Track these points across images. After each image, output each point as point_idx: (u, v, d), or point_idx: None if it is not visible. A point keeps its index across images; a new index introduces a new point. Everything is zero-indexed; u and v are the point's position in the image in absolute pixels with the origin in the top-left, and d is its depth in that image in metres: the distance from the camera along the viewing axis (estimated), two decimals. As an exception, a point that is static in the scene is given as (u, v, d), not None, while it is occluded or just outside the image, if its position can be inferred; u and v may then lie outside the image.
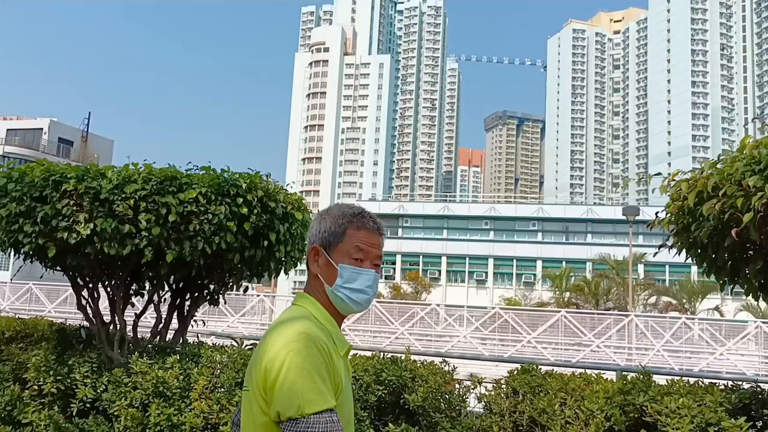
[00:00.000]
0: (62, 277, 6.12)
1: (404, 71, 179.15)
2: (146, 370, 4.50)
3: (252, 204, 4.96)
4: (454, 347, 21.63)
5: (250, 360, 1.74)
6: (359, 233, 1.79)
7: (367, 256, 1.79)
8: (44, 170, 4.74)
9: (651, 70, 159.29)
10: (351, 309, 1.79)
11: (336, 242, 1.78)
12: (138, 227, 4.65)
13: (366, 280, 1.77)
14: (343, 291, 1.75)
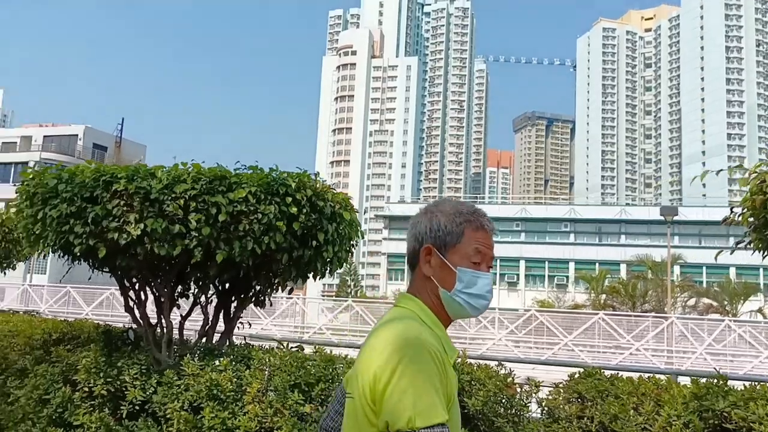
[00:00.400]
0: (98, 280, 6.13)
1: (432, 73, 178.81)
2: (198, 372, 4.44)
3: (301, 203, 4.88)
4: (489, 350, 21.38)
5: (354, 365, 1.63)
6: (478, 234, 1.69)
7: (484, 259, 1.69)
8: (94, 171, 4.72)
9: (684, 67, 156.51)
10: (467, 314, 1.69)
11: (453, 243, 1.67)
12: (188, 227, 4.60)
13: (485, 284, 1.68)
14: (462, 296, 1.66)
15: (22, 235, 5.22)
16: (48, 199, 4.86)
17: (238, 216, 4.69)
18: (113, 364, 5.11)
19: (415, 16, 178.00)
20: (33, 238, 5.05)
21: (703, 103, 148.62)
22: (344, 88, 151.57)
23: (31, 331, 6.41)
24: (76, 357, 5.32)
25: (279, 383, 4.18)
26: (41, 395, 5.10)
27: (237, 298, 5.80)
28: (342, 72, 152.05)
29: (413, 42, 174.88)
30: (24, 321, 7.22)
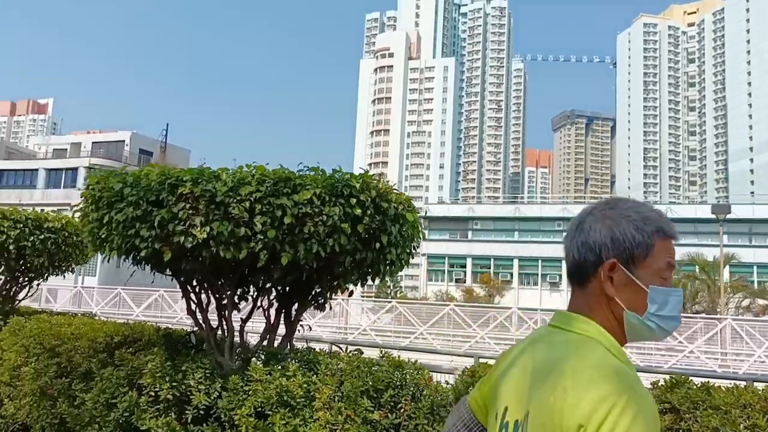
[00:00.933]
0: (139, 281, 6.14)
1: (469, 73, 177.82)
2: (266, 377, 4.37)
3: (365, 205, 4.78)
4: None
5: (517, 394, 1.37)
6: (668, 244, 1.43)
7: (672, 272, 1.44)
8: (160, 173, 4.70)
9: (729, 61, 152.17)
10: (653, 338, 1.44)
11: (642, 256, 1.40)
12: (253, 230, 4.54)
13: (677, 303, 1.41)
14: (655, 320, 1.39)
15: (88, 239, 5.24)
16: (113, 203, 4.87)
17: (303, 218, 4.61)
18: (178, 368, 5.09)
19: (452, 17, 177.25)
20: (98, 242, 5.07)
21: (750, 97, 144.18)
22: (382, 90, 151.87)
23: (93, 333, 6.46)
24: (141, 361, 5.32)
25: (349, 389, 4.08)
26: (108, 399, 5.10)
27: (297, 300, 5.74)
28: (379, 74, 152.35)
29: (450, 43, 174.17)
30: (84, 323, 7.30)
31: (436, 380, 4.68)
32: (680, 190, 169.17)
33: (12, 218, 8.10)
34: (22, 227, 8.11)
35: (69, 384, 5.90)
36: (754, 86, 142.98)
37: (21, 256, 8.28)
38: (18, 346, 6.58)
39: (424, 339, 22.46)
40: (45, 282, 9.37)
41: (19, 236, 8.04)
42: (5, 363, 6.80)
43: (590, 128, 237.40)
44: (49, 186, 59.97)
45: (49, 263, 8.59)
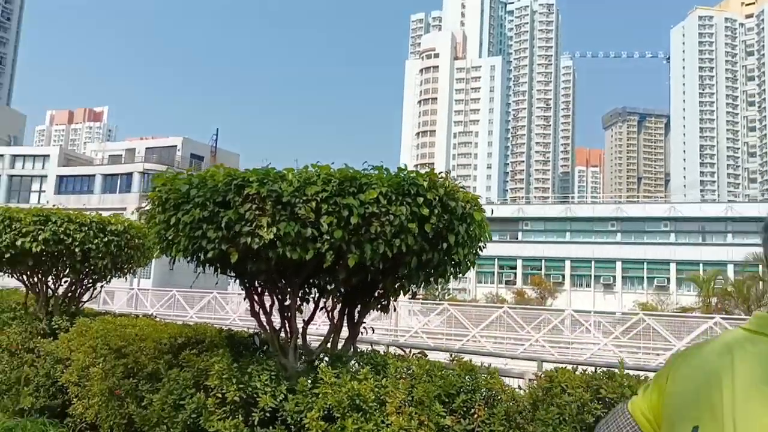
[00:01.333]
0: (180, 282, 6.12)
1: (516, 72, 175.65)
2: (336, 380, 4.28)
3: (432, 204, 4.65)
4: (594, 355, 20.45)
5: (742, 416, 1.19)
6: None
7: None
8: (226, 174, 4.68)
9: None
10: None
11: None
12: (319, 230, 4.47)
13: None
14: None
15: (154, 241, 5.27)
16: (180, 205, 4.87)
17: (370, 218, 4.52)
18: (243, 370, 5.06)
19: (498, 16, 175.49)
20: (165, 244, 5.08)
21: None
22: (427, 91, 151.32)
23: (157, 335, 6.52)
24: (207, 362, 5.32)
25: (422, 394, 3.96)
26: (175, 400, 5.12)
27: (360, 302, 5.65)
28: (425, 75, 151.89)
29: (496, 41, 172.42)
30: (147, 324, 7.39)
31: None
32: (739, 187, 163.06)
33: (77, 221, 8.28)
34: (87, 230, 8.28)
35: (136, 385, 5.96)
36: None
37: (86, 259, 8.46)
38: (86, 347, 6.70)
39: (477, 342, 22.14)
40: (107, 284, 9.55)
41: (84, 239, 8.22)
42: (74, 363, 6.94)
43: (643, 125, 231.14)
44: (105, 191, 61.84)
45: (112, 265, 8.75)
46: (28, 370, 8.24)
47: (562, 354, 20.98)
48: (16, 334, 8.43)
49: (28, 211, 8.24)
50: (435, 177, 4.79)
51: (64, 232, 8.11)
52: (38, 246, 7.98)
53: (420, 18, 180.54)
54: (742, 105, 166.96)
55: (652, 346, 21.77)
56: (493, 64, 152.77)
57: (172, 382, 5.25)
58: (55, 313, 8.82)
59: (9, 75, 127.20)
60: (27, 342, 8.36)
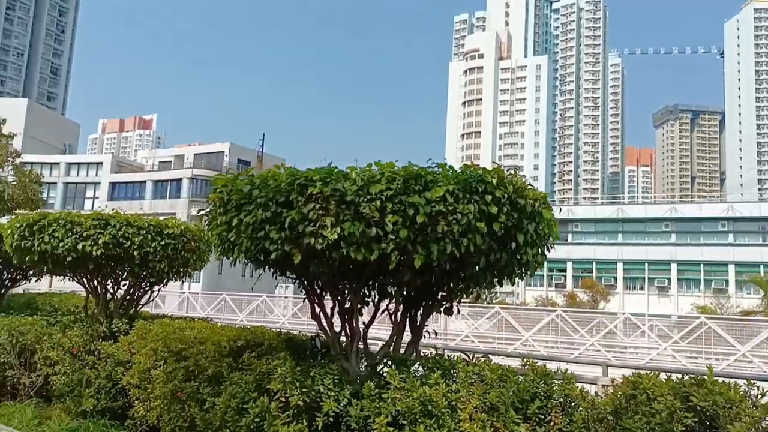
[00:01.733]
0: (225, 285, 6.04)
1: (562, 71, 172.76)
2: (405, 385, 4.13)
3: (501, 202, 4.46)
4: (653, 360, 19.77)
5: None
6: None
7: None
8: (288, 174, 4.59)
9: None
10: None
11: None
12: (384, 230, 4.32)
13: None
14: None
15: (216, 243, 5.22)
16: (242, 206, 4.80)
17: (436, 217, 4.35)
18: (306, 373, 4.96)
19: (543, 14, 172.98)
20: (227, 245, 5.02)
21: None
22: (472, 92, 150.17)
23: (217, 337, 6.49)
24: (269, 365, 5.23)
25: (496, 400, 3.77)
26: (239, 404, 5.05)
27: (423, 304, 5.48)
28: (469, 76, 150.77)
29: (542, 41, 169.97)
30: (205, 327, 7.39)
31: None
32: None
33: (135, 225, 8.36)
34: (145, 234, 8.35)
35: (197, 388, 5.93)
36: None
37: (144, 262, 8.53)
38: (147, 349, 6.72)
39: (530, 346, 21.65)
40: (165, 287, 9.64)
41: (142, 242, 8.29)
42: (135, 366, 6.98)
43: (696, 123, 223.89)
44: (155, 197, 63.28)
45: (169, 268, 8.81)
46: (89, 372, 8.35)
47: (619, 359, 20.34)
48: (77, 337, 8.55)
49: (87, 215, 8.36)
50: (503, 174, 4.60)
51: (122, 235, 8.20)
52: (98, 249, 8.08)
53: (463, 19, 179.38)
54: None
55: (713, 350, 20.93)
56: (538, 63, 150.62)
57: (234, 385, 5.19)
58: (114, 316, 8.94)
59: (63, 85, 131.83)
60: (88, 344, 8.48)
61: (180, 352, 6.42)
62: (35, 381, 9.34)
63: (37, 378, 9.35)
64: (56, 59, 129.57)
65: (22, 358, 9.14)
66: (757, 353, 19.59)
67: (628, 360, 20.41)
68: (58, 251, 8.12)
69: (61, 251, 8.11)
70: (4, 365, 9.03)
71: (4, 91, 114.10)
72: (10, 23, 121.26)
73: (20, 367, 9.10)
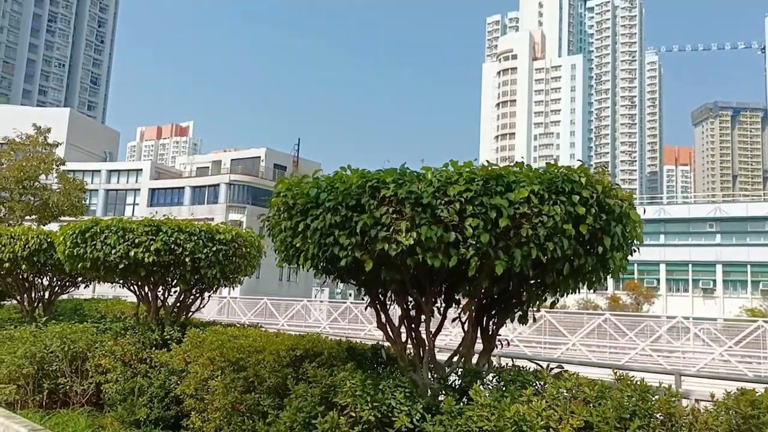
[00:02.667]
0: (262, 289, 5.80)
1: (598, 70, 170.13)
2: (493, 402, 3.83)
3: (588, 202, 4.14)
4: (707, 366, 18.99)
5: None
6: None
7: None
8: (359, 176, 4.33)
9: None
10: None
11: None
12: (463, 234, 4.04)
13: None
14: None
15: (279, 250, 4.99)
16: (308, 210, 4.57)
17: (520, 219, 4.05)
18: (376, 386, 4.69)
19: (577, 13, 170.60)
20: (291, 252, 4.80)
21: None
22: (506, 94, 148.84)
23: (275, 347, 6.27)
24: (335, 377, 4.98)
25: (597, 419, 3.45)
26: (305, 419, 4.80)
27: (497, 312, 5.17)
28: (503, 77, 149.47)
29: (576, 40, 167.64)
30: (260, 335, 7.18)
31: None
32: None
33: (187, 231, 8.23)
34: (197, 240, 8.21)
35: (257, 400, 5.71)
36: None
37: (195, 269, 8.39)
38: (204, 359, 6.54)
39: (576, 350, 21.01)
40: (215, 294, 9.49)
41: (193, 249, 8.15)
42: (191, 375, 6.80)
43: (737, 120, 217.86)
44: (194, 202, 63.97)
45: (220, 275, 8.66)
46: (141, 380, 8.23)
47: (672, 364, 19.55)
48: (129, 345, 8.45)
49: (139, 221, 8.26)
50: (589, 173, 4.27)
51: (174, 242, 8.07)
52: (150, 256, 7.97)
53: (496, 20, 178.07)
54: None
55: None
56: (573, 63, 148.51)
57: (300, 399, 4.94)
58: (166, 323, 8.82)
59: (103, 95, 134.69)
60: (140, 352, 8.37)
61: (238, 362, 6.22)
62: (87, 389, 9.28)
63: (89, 386, 9.29)
64: (96, 69, 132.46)
65: (73, 366, 9.08)
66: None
67: (681, 366, 19.62)
68: (110, 258, 8.04)
69: (113, 258, 8.02)
70: (56, 372, 8.98)
71: (47, 101, 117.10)
72: (51, 35, 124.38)
73: (72, 375, 9.04)
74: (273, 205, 4.99)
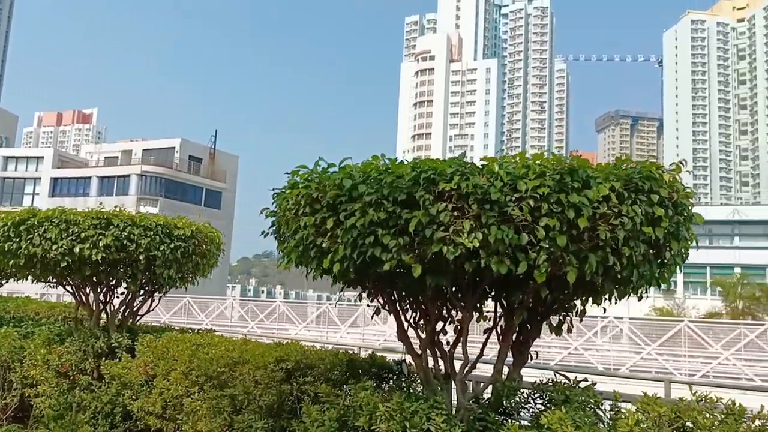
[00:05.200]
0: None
1: (511, 75, 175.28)
2: (559, 427, 3.32)
3: (665, 203, 3.71)
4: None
5: None
6: None
7: None
8: (412, 166, 3.71)
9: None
10: None
11: None
12: (535, 236, 3.50)
13: None
14: None
15: (290, 250, 4.26)
16: (340, 204, 3.90)
17: (596, 220, 3.57)
18: (405, 408, 4.09)
19: (493, 18, 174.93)
20: (314, 252, 4.09)
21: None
22: (423, 93, 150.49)
23: (259, 359, 5.51)
24: (356, 397, 4.32)
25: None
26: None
27: (531, 321, 4.67)
28: (420, 77, 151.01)
29: (491, 44, 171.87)
30: (232, 344, 6.37)
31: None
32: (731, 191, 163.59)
33: (141, 225, 7.27)
34: (153, 235, 7.27)
35: (249, 422, 4.95)
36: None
37: (149, 267, 7.44)
38: (177, 372, 5.68)
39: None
40: (164, 296, 8.52)
41: (149, 245, 7.21)
42: (156, 391, 5.92)
43: (636, 129, 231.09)
44: (102, 193, 60.27)
45: (176, 275, 7.74)
46: (82, 394, 7.22)
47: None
48: (69, 354, 7.39)
49: (86, 213, 7.22)
50: (663, 170, 3.86)
51: (127, 237, 7.10)
52: (98, 253, 6.96)
53: (414, 20, 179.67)
54: (734, 108, 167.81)
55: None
56: (488, 66, 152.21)
57: (317, 424, 4.26)
58: (111, 329, 7.79)
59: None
60: (82, 362, 7.34)
61: (219, 376, 5.43)
62: (10, 403, 8.13)
63: (13, 399, 8.14)
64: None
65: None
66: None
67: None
68: (50, 255, 6.96)
69: (54, 255, 6.94)
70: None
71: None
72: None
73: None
74: (286, 198, 4.28)
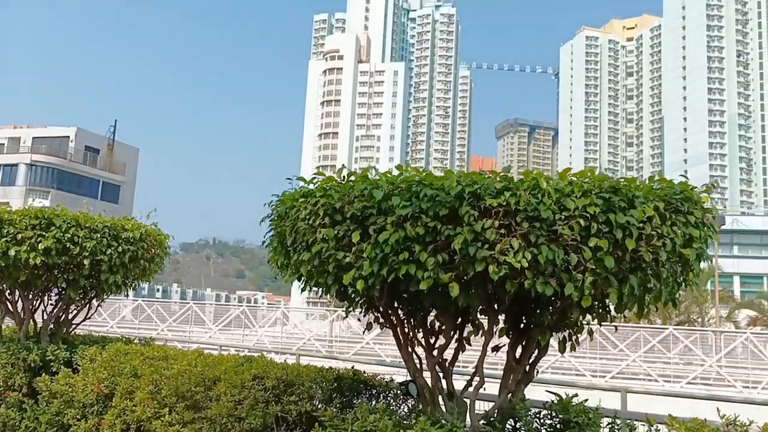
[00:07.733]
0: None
1: (417, 79, 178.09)
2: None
3: (700, 224, 3.71)
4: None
5: None
6: None
7: None
8: (457, 178, 3.49)
9: (665, 77, 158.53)
10: None
11: None
12: (583, 257, 3.38)
13: None
14: None
15: (306, 263, 3.92)
16: (365, 218, 3.62)
17: (639, 242, 3.50)
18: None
19: (401, 22, 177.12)
20: (332, 268, 3.77)
21: (685, 112, 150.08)
22: (330, 93, 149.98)
23: (235, 377, 5.07)
24: (366, 422, 4.03)
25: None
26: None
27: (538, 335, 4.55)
28: (328, 76, 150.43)
29: (399, 47, 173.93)
30: (193, 358, 5.87)
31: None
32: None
33: (86, 226, 6.59)
34: (99, 237, 6.61)
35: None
36: (688, 101, 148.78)
37: (92, 273, 6.77)
38: (144, 393, 5.14)
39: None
40: (103, 302, 7.81)
41: (95, 249, 6.55)
42: (114, 411, 5.33)
43: (533, 137, 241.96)
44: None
45: (121, 280, 7.09)
46: (12, 413, 6.46)
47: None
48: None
49: (22, 212, 6.46)
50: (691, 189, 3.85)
51: (71, 239, 6.42)
52: (37, 257, 6.25)
53: (323, 19, 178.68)
54: (622, 122, 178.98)
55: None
56: (396, 69, 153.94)
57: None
58: (43, 339, 7.02)
59: None
60: (12, 377, 6.56)
61: (192, 396, 4.96)
62: None
63: None
64: None
65: None
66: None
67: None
68: (-22, 258, 6.17)
69: (-17, 258, 6.16)
70: None
71: None
72: None
73: None
74: (297, 207, 3.93)
